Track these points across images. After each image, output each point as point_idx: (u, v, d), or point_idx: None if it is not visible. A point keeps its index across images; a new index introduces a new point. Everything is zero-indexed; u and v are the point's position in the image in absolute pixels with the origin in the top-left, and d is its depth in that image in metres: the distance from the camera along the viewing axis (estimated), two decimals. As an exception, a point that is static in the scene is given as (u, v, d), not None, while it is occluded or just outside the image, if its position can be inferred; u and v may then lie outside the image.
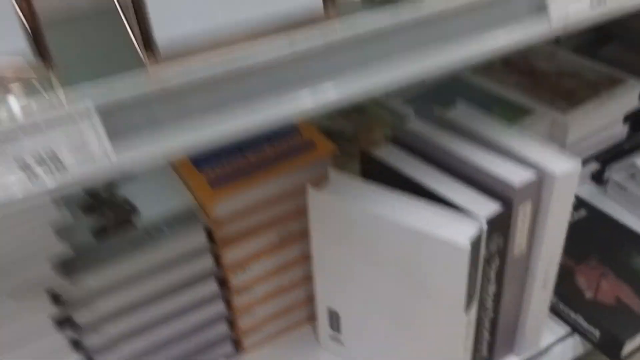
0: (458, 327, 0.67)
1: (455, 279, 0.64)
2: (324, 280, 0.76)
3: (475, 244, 0.62)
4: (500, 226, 0.66)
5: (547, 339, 0.83)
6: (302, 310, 0.86)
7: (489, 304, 0.72)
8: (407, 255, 0.66)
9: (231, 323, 0.82)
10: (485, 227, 0.63)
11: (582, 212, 0.97)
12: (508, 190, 0.65)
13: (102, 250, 0.68)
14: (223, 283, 0.78)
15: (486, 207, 0.65)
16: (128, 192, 0.73)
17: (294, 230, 0.78)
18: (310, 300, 0.85)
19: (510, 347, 0.81)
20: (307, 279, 0.82)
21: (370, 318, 0.75)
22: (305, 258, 0.81)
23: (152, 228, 0.70)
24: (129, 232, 0.69)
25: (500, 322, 0.76)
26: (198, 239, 0.72)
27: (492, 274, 0.69)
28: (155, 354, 0.78)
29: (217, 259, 0.75)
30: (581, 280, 0.87)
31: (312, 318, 0.87)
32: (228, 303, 0.80)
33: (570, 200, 0.69)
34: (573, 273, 0.87)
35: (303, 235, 0.78)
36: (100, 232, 0.69)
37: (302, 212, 0.75)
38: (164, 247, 0.69)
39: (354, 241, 0.69)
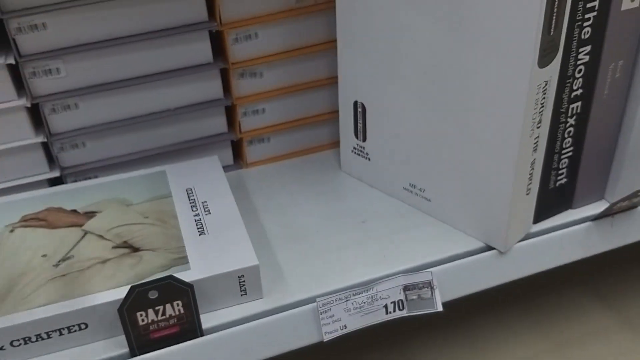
0: (523, 93, 0.46)
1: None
2: (349, 58, 0.57)
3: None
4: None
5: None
6: (321, 128, 0.67)
7: (573, 109, 0.51)
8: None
9: (231, 120, 0.65)
10: None
11: None
12: None
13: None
14: (219, 51, 0.61)
15: None
16: None
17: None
18: (330, 114, 0.66)
19: (598, 189, 0.59)
20: (329, 73, 0.64)
21: (402, 105, 0.55)
22: (329, 42, 0.62)
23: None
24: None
25: (587, 145, 0.54)
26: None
27: (584, 32, 0.48)
28: (121, 144, 0.61)
29: (210, 8, 0.58)
30: None
31: (332, 144, 0.68)
32: (227, 88, 0.62)
33: None
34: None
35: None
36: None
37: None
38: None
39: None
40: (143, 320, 0.46)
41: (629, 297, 0.74)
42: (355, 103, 0.60)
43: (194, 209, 0.55)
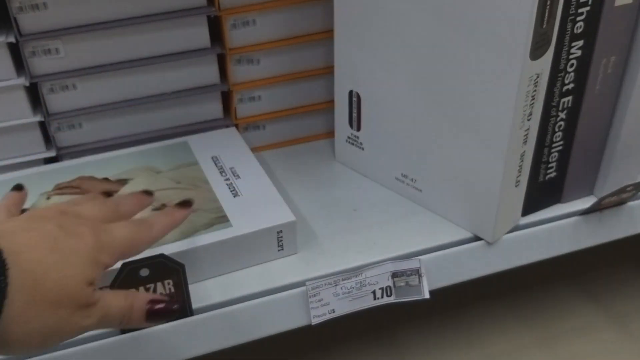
0: (514, 84, 0.47)
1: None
2: (345, 47, 0.58)
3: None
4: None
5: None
6: (317, 117, 0.68)
7: (564, 103, 0.52)
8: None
9: (226, 106, 0.65)
10: None
11: None
12: None
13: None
14: (217, 37, 0.62)
15: None
16: None
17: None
18: (326, 104, 0.66)
19: (587, 184, 0.60)
20: (325, 62, 0.64)
21: (396, 95, 0.56)
22: (326, 31, 0.63)
23: None
24: None
25: (577, 140, 0.55)
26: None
27: (577, 26, 0.48)
28: (117, 126, 0.62)
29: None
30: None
31: (327, 133, 0.69)
32: (224, 73, 0.63)
33: None
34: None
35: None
36: None
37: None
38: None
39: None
40: (134, 298, 0.47)
41: (616, 293, 0.75)
42: (351, 92, 0.60)
43: (223, 174, 0.58)
